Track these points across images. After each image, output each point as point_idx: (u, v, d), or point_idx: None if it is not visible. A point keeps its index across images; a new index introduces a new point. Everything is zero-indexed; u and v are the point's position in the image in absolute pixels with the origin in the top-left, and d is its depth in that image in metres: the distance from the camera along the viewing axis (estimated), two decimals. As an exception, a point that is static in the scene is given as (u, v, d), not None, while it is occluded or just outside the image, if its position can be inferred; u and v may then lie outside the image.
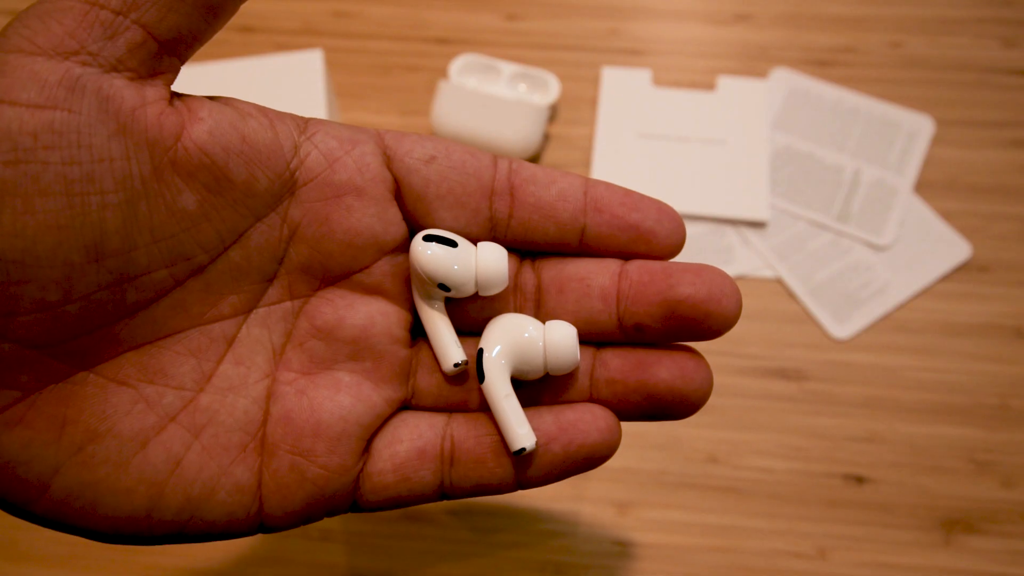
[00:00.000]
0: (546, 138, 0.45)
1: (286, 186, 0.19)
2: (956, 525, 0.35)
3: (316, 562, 0.35)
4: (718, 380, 0.37)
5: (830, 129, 0.45)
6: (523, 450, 0.19)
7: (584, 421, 0.20)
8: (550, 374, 0.20)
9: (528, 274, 0.21)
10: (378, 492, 0.20)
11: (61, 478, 0.17)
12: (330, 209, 0.19)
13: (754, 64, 0.47)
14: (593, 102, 0.46)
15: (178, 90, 0.18)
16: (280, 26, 0.49)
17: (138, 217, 0.17)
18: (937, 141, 0.44)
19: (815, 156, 0.45)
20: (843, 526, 0.36)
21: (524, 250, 0.21)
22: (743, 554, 0.35)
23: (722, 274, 0.19)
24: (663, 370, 0.19)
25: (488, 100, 0.43)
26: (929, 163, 0.44)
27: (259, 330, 0.20)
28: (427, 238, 0.19)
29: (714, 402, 0.38)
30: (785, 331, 0.40)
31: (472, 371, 0.21)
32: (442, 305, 0.21)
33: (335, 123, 0.20)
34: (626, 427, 0.20)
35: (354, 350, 0.20)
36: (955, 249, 0.41)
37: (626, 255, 0.20)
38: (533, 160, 0.45)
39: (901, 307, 0.40)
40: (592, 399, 0.20)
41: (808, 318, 0.40)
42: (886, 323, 0.40)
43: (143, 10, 0.17)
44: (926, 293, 0.41)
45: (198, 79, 0.44)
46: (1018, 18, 0.48)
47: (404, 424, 0.20)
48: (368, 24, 0.50)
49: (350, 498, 0.20)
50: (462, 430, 0.20)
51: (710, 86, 0.47)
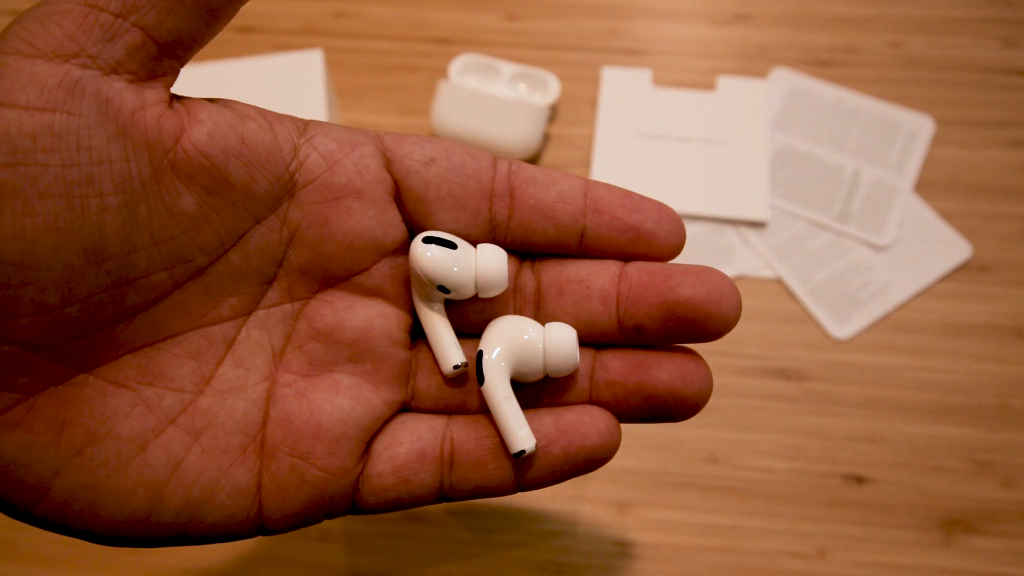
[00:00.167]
0: (546, 138, 0.45)
1: (285, 188, 0.19)
2: (956, 525, 0.35)
3: (316, 562, 0.35)
4: (718, 380, 0.37)
5: (830, 129, 0.45)
6: (523, 452, 0.19)
7: (584, 423, 0.20)
8: (550, 376, 0.20)
9: (528, 276, 0.21)
10: (378, 494, 0.20)
11: (61, 480, 0.17)
12: (329, 211, 0.19)
13: (754, 64, 0.47)
14: (593, 102, 0.46)
15: (178, 90, 0.18)
16: (280, 26, 0.49)
17: (137, 219, 0.17)
18: (937, 141, 0.44)
19: (815, 156, 0.45)
20: (843, 526, 0.36)
21: (524, 251, 0.21)
22: (743, 554, 0.35)
23: (722, 276, 0.19)
24: (663, 372, 0.19)
25: (488, 100, 0.43)
26: (929, 163, 0.44)
27: (259, 332, 0.20)
28: (427, 240, 0.19)
29: (714, 402, 0.38)
30: (785, 331, 0.40)
31: (472, 373, 0.21)
32: (442, 307, 0.21)
33: (334, 125, 0.20)
34: (626, 427, 0.20)
35: (354, 352, 0.20)
36: (955, 249, 0.41)
37: (626, 257, 0.20)
38: (533, 160, 0.45)
39: (901, 307, 0.40)
40: (592, 401, 0.20)
41: (808, 318, 0.40)
42: (886, 323, 0.40)
43: (143, 13, 0.17)
44: (926, 293, 0.41)
45: (198, 79, 0.44)
46: (1018, 18, 0.48)
47: (404, 426, 0.20)
48: (368, 24, 0.49)
49: (350, 500, 0.20)
50: (462, 432, 0.20)
51: (710, 86, 0.47)
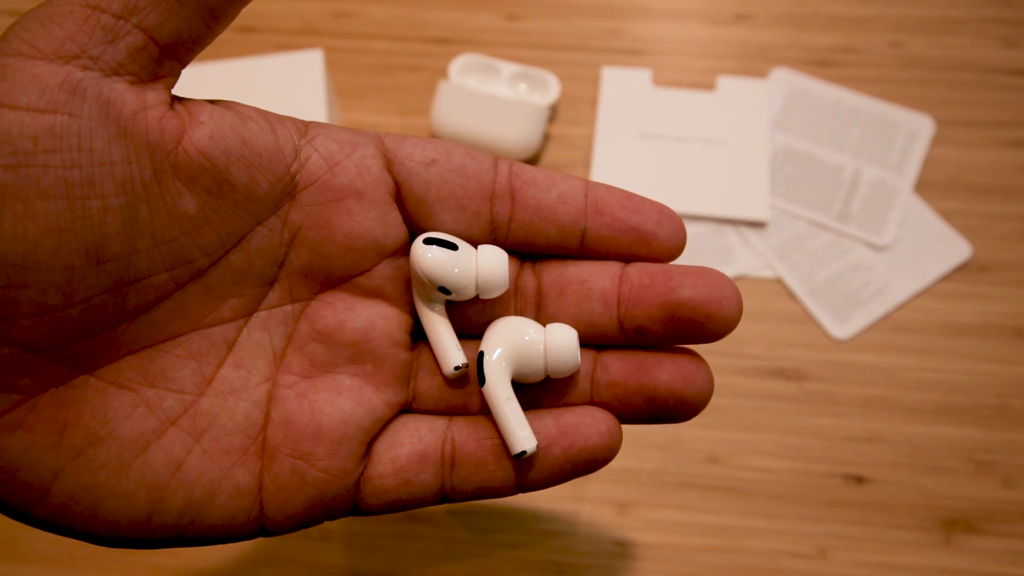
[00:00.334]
0: (546, 138, 0.45)
1: (286, 189, 0.19)
2: (956, 525, 0.35)
3: (316, 562, 0.35)
4: (718, 380, 0.37)
5: (830, 129, 0.45)
6: (524, 453, 0.19)
7: (585, 424, 0.20)
8: (551, 377, 0.20)
9: (529, 277, 0.21)
10: (379, 495, 0.20)
11: (61, 482, 0.17)
12: (330, 212, 0.19)
13: (754, 64, 0.47)
14: (593, 102, 0.46)
15: (178, 91, 0.18)
16: (280, 26, 0.49)
17: (139, 221, 0.17)
18: (937, 141, 0.44)
19: (815, 156, 0.45)
20: (843, 526, 0.36)
21: (525, 253, 0.21)
22: (743, 554, 0.35)
23: (723, 277, 0.19)
24: (664, 373, 0.20)
25: (488, 100, 0.43)
26: (929, 163, 0.44)
27: (260, 333, 0.20)
28: (428, 241, 0.19)
29: (714, 402, 0.38)
30: (785, 331, 0.40)
31: (473, 374, 0.21)
32: (443, 308, 0.21)
33: (335, 126, 0.20)
34: (626, 427, 0.20)
35: (355, 353, 0.20)
36: (955, 249, 0.41)
37: (627, 258, 0.20)
38: (533, 160, 0.45)
39: (901, 307, 0.40)
40: (593, 402, 0.20)
41: (808, 318, 0.40)
42: (886, 323, 0.40)
43: (144, 14, 0.17)
44: (926, 293, 0.41)
45: (198, 79, 0.44)
46: (1018, 18, 0.48)
47: (405, 427, 0.20)
48: (368, 24, 0.49)
49: (351, 501, 0.20)
50: (463, 433, 0.20)
51: (710, 86, 0.47)
